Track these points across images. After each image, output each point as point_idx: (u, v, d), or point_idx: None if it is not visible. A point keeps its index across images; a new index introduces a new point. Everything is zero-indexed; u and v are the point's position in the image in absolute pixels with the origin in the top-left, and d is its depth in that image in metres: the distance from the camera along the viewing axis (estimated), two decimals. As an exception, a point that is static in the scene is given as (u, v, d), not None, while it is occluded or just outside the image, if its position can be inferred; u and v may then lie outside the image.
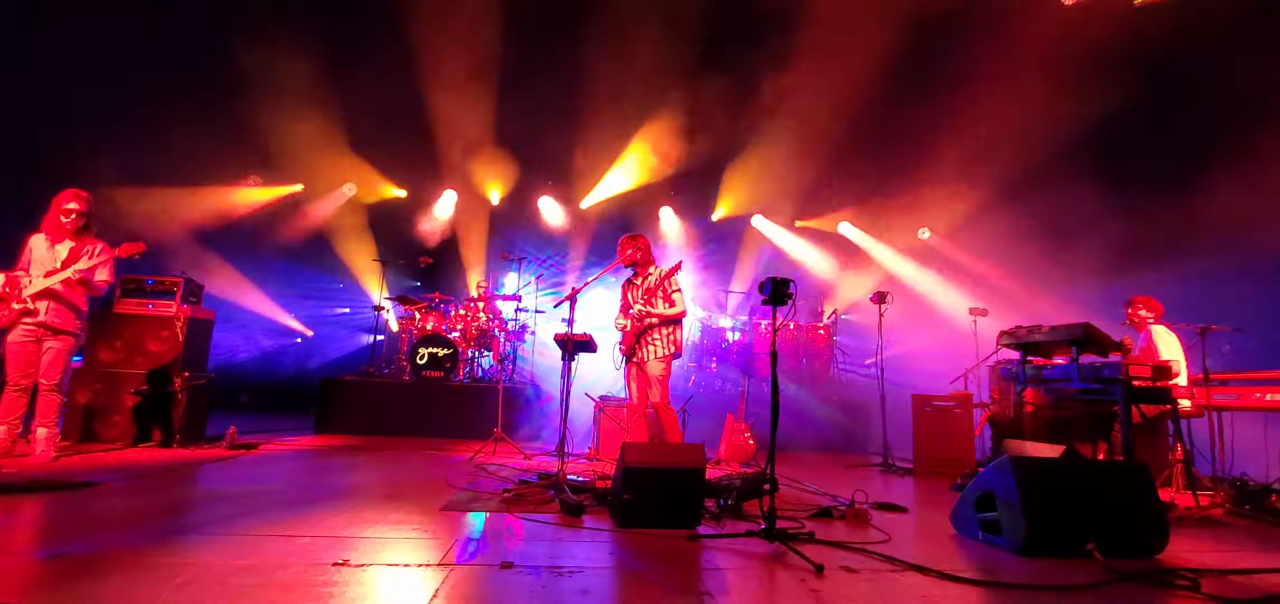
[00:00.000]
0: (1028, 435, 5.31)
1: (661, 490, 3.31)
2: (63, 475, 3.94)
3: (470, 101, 9.40)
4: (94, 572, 2.27)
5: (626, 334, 4.99)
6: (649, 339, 4.92)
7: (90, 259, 4.68)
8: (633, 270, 5.17)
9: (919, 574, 2.70)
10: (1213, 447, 5.49)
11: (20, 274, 4.55)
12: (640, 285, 5.07)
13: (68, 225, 4.65)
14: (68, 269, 4.56)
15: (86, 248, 4.71)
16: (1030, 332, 4.92)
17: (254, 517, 3.27)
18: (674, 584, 2.50)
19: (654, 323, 4.91)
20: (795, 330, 8.95)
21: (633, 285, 5.16)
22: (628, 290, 5.21)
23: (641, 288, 5.04)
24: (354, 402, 7.40)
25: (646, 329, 4.93)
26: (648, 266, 5.13)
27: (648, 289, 4.97)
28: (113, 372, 5.63)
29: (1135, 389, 4.43)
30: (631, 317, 4.98)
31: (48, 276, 4.52)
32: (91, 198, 4.78)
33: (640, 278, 5.11)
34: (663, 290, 4.98)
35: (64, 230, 4.66)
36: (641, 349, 4.95)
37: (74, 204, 4.66)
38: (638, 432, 5.28)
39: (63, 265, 4.57)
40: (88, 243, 4.73)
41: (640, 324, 4.92)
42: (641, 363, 4.96)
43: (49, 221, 4.67)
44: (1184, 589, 2.65)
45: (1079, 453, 3.62)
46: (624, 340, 5.02)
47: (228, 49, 8.01)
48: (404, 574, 2.42)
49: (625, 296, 5.22)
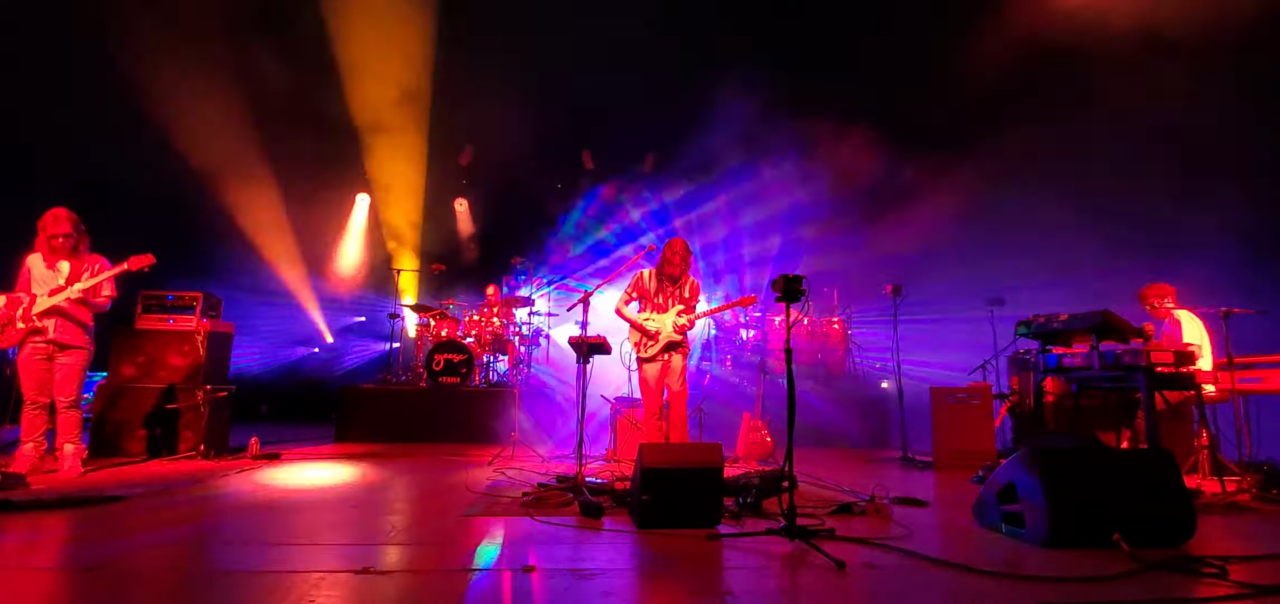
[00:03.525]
0: (1049, 426, 5.26)
1: (680, 490, 3.32)
2: (92, 490, 4.01)
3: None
4: (130, 585, 2.32)
5: (668, 336, 5.14)
6: (684, 345, 5.23)
7: (93, 275, 4.74)
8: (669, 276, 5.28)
9: (943, 569, 2.68)
10: (1238, 431, 5.40)
11: (21, 295, 4.63)
12: (678, 292, 5.25)
13: (62, 247, 4.69)
14: (72, 287, 4.63)
15: (87, 264, 4.77)
16: (1048, 320, 4.87)
17: (278, 526, 3.32)
18: (696, 584, 2.51)
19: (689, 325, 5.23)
20: (810, 326, 8.91)
21: (666, 287, 5.26)
22: (658, 290, 5.28)
23: (677, 294, 5.23)
24: (372, 409, 7.48)
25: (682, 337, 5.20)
26: (686, 275, 5.31)
27: (683, 297, 5.22)
28: (136, 386, 5.72)
29: (1158, 375, 4.37)
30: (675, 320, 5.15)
31: (52, 294, 4.59)
32: (76, 216, 4.77)
33: (683, 284, 5.27)
34: (695, 298, 5.27)
35: (59, 253, 4.71)
36: (678, 353, 5.19)
37: (61, 227, 4.67)
38: (653, 429, 5.29)
39: (67, 282, 4.64)
40: (86, 259, 4.80)
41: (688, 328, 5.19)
42: (670, 365, 5.17)
43: (40, 245, 4.72)
44: (1212, 577, 2.61)
45: (1102, 442, 3.58)
46: (661, 340, 5.14)
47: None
48: (427, 580, 2.44)
49: (645, 293, 5.30)
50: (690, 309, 5.18)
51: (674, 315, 5.15)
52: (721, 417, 7.16)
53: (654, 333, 5.15)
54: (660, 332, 5.14)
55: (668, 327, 5.13)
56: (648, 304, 5.27)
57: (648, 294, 5.28)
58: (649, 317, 5.20)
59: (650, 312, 5.23)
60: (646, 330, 5.17)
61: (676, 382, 5.14)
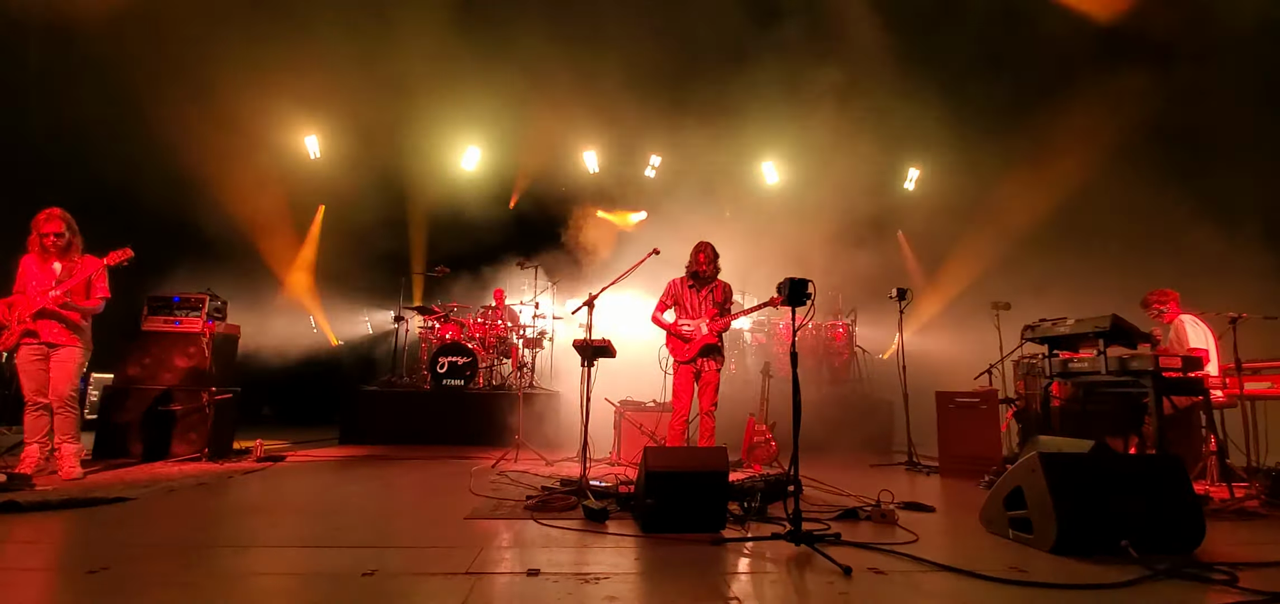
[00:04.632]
0: (1056, 430, 5.23)
1: (685, 494, 3.31)
2: (97, 491, 4.02)
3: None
4: (134, 586, 2.32)
5: (697, 340, 5.16)
6: (716, 349, 5.21)
7: (83, 274, 4.71)
8: (696, 277, 5.30)
9: (949, 575, 2.66)
10: (1246, 437, 5.36)
11: (15, 298, 4.63)
12: (707, 296, 5.26)
13: (52, 247, 4.68)
14: (60, 289, 4.60)
15: (78, 264, 4.75)
16: (1055, 325, 4.85)
17: (283, 529, 3.32)
18: (701, 589, 2.49)
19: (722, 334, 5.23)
20: (815, 329, 8.88)
21: (696, 292, 5.29)
22: (684, 293, 5.32)
23: (710, 298, 5.25)
24: (377, 412, 7.49)
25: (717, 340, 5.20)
26: (715, 278, 5.32)
27: (716, 300, 5.23)
28: (141, 387, 5.74)
29: (1166, 380, 4.35)
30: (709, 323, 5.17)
31: (41, 295, 4.59)
32: (68, 215, 4.76)
33: (708, 288, 5.28)
34: (729, 303, 5.28)
35: (51, 253, 4.70)
36: (709, 359, 5.19)
37: (54, 226, 4.66)
38: (673, 436, 5.27)
39: (57, 282, 4.63)
40: (78, 258, 4.78)
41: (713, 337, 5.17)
42: (703, 370, 5.19)
43: (33, 244, 4.70)
44: (1222, 584, 2.59)
45: (1110, 447, 3.55)
46: (693, 345, 5.17)
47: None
48: (431, 583, 2.44)
49: (681, 299, 5.32)
50: (723, 310, 5.21)
51: (706, 320, 5.19)
52: (726, 421, 7.12)
53: (689, 336, 5.18)
54: (695, 335, 5.17)
55: (702, 330, 5.17)
56: (681, 311, 5.32)
57: (681, 300, 5.33)
58: (684, 322, 5.25)
59: (684, 318, 5.29)
60: (682, 335, 5.21)
61: (707, 397, 5.16)
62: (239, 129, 8.87)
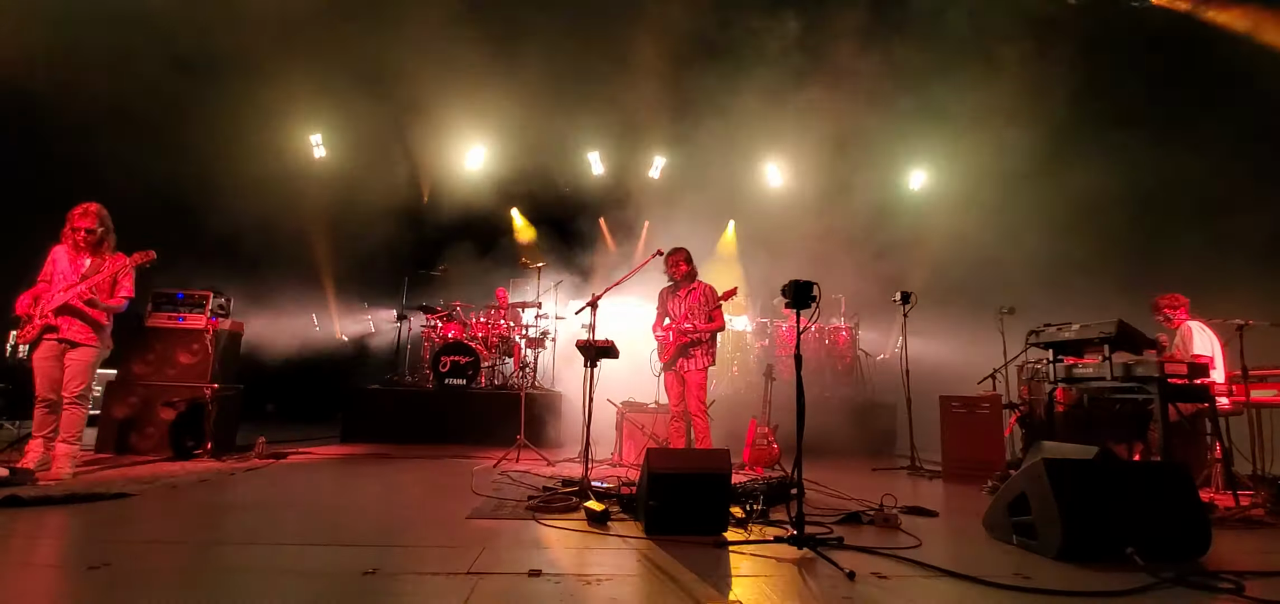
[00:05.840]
0: (1060, 436, 5.21)
1: (688, 496, 3.30)
2: (100, 487, 4.02)
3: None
4: (134, 582, 2.32)
5: (668, 344, 5.35)
6: (693, 350, 5.32)
7: (110, 271, 4.68)
8: (673, 282, 5.48)
9: (953, 580, 2.65)
10: (1252, 445, 5.33)
11: (43, 289, 4.59)
12: (684, 299, 5.39)
13: (83, 243, 4.65)
14: (86, 285, 4.56)
15: (107, 261, 4.71)
16: (1060, 330, 4.82)
17: (284, 527, 3.32)
18: (703, 592, 2.48)
19: (701, 338, 5.31)
20: (818, 332, 8.86)
21: (675, 297, 5.46)
22: (669, 300, 5.50)
23: (686, 302, 5.37)
24: (379, 410, 7.50)
25: (693, 342, 5.31)
26: (692, 281, 5.45)
27: (690, 304, 5.35)
28: (145, 384, 5.75)
29: (1172, 386, 4.32)
30: (672, 329, 5.33)
31: (66, 290, 4.57)
32: (105, 211, 4.74)
33: (684, 291, 5.41)
34: (708, 307, 5.35)
35: (83, 249, 4.67)
36: (685, 359, 5.33)
37: (87, 222, 4.63)
38: (672, 436, 5.49)
39: (84, 278, 4.61)
40: (108, 256, 4.73)
41: (683, 338, 5.30)
42: (683, 372, 5.33)
43: (66, 237, 4.67)
44: (1228, 592, 2.57)
45: (1115, 454, 3.53)
46: (666, 350, 5.38)
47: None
48: (432, 583, 2.43)
49: (666, 306, 5.51)
50: (694, 314, 5.33)
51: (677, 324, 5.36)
52: (728, 423, 7.11)
53: (659, 341, 5.41)
54: (663, 341, 5.41)
55: (670, 337, 5.37)
56: (665, 316, 5.51)
57: (667, 307, 5.52)
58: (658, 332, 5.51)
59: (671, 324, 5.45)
60: (657, 340, 5.46)
61: (693, 397, 5.28)
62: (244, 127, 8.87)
